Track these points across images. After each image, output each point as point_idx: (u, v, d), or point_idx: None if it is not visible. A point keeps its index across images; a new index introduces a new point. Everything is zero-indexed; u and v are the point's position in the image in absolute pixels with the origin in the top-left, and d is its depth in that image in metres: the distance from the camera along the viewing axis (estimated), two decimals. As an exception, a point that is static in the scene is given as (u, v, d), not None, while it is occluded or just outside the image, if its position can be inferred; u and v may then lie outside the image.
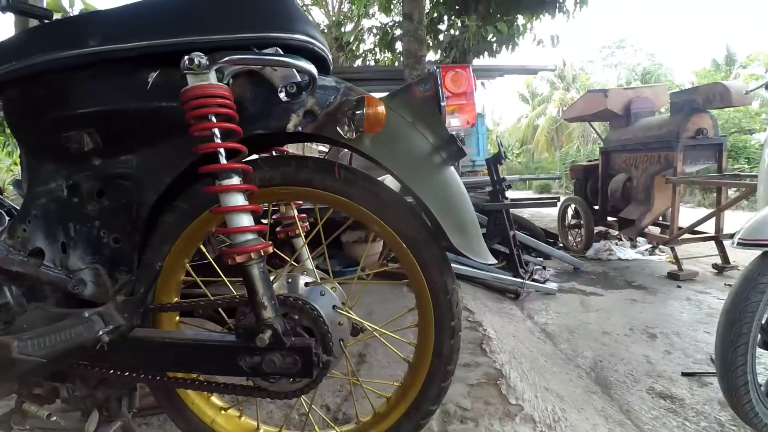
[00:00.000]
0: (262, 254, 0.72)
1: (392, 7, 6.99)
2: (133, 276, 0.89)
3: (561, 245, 4.45)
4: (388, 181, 1.01)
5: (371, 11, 7.98)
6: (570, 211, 4.52)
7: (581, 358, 2.09)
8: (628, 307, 2.84)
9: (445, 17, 6.00)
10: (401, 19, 3.22)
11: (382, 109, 0.72)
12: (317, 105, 0.79)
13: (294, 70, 0.76)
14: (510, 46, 5.82)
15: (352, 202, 0.85)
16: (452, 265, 2.85)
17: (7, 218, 1.10)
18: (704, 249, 3.81)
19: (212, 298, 0.86)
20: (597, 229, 4.34)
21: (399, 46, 6.18)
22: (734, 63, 15.43)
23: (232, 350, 0.75)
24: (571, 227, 4.53)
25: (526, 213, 5.52)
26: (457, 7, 5.99)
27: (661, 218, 3.90)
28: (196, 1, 0.77)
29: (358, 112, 0.71)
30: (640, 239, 4.23)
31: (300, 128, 0.79)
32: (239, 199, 0.71)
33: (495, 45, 5.70)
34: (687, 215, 4.13)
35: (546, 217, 6.46)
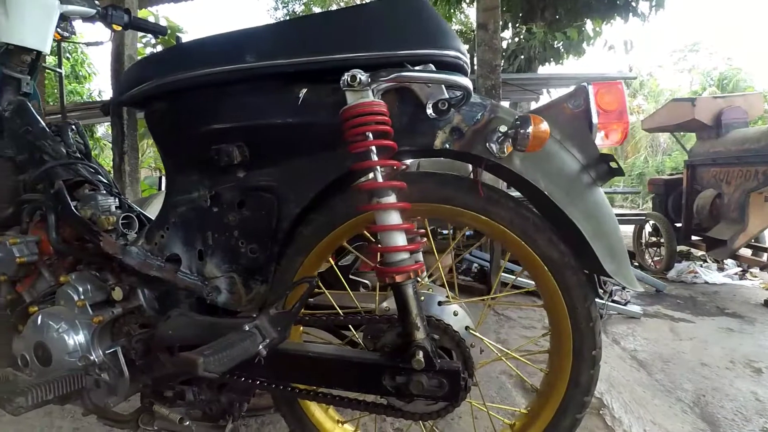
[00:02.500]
0: (417, 274, 0.70)
1: (452, 17, 6.97)
2: (268, 286, 0.91)
3: (636, 265, 4.17)
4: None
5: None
6: (648, 228, 4.22)
7: (681, 391, 1.92)
8: (725, 337, 2.59)
9: (510, 24, 5.87)
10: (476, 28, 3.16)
11: (546, 127, 0.68)
12: (464, 122, 0.77)
13: (442, 86, 0.74)
14: (577, 53, 5.60)
15: (492, 221, 0.82)
16: (512, 276, 2.73)
17: (137, 223, 1.17)
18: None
19: (357, 311, 0.85)
20: (679, 248, 4.03)
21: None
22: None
23: (376, 369, 0.74)
24: (648, 245, 4.23)
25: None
26: (521, 14, 5.85)
27: (753, 240, 3.55)
28: (353, 19, 0.77)
29: (522, 131, 0.67)
30: (728, 261, 3.88)
31: (447, 145, 0.77)
32: (396, 218, 0.70)
33: (562, 52, 5.50)
34: (786, 237, 3.74)
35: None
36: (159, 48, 7.52)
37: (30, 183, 1.24)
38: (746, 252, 3.74)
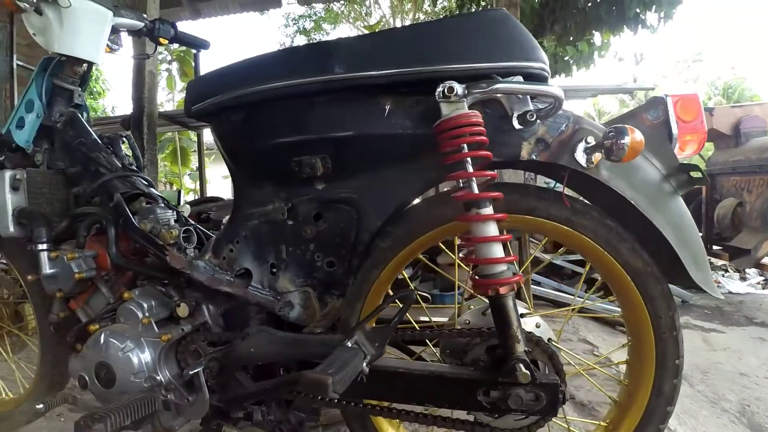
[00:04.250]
0: (520, 285, 0.70)
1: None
2: (343, 300, 0.90)
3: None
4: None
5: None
6: (666, 238, 4.19)
7: (726, 402, 1.88)
8: (759, 347, 2.56)
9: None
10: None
11: (641, 137, 0.68)
12: (548, 133, 0.78)
13: (527, 98, 0.75)
14: (587, 65, 5.64)
15: (576, 232, 0.82)
16: (551, 291, 2.71)
17: (195, 236, 1.16)
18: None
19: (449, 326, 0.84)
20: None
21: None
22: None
23: (472, 384, 0.73)
24: (667, 255, 4.20)
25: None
26: (532, 29, 5.91)
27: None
28: (442, 32, 0.78)
29: (620, 141, 0.67)
30: (750, 271, 3.85)
31: (534, 156, 0.77)
32: (494, 229, 0.70)
33: (572, 64, 5.54)
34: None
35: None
36: (174, 64, 7.65)
37: (85, 196, 1.24)
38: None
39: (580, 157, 0.76)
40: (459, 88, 0.70)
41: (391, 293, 0.95)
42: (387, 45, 0.80)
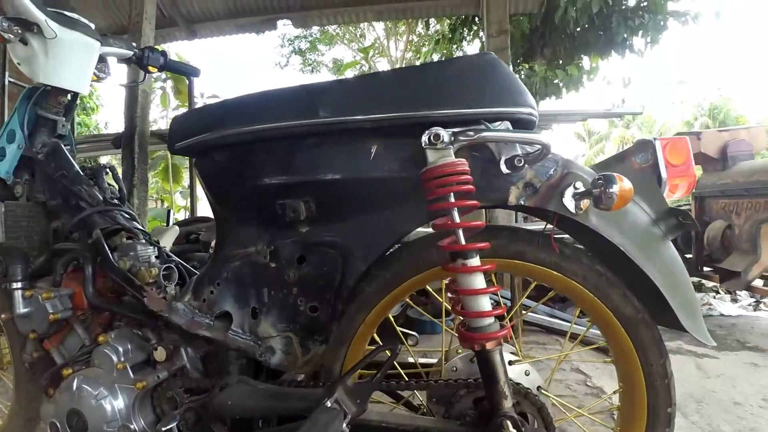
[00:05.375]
0: (507, 339, 0.67)
1: (453, 55, 7.18)
2: (326, 347, 0.87)
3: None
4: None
5: (434, 58, 8.21)
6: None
7: (721, 435, 1.85)
8: (752, 373, 2.54)
9: (511, 62, 6.04)
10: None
11: (630, 185, 0.67)
12: (537, 177, 0.76)
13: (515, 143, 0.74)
14: (576, 88, 5.75)
15: (564, 276, 0.80)
16: (546, 318, 2.68)
17: (177, 273, 1.13)
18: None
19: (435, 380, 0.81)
20: (691, 279, 4.00)
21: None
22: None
23: (459, 440, 0.70)
24: (659, 276, 4.20)
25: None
26: (522, 53, 6.03)
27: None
28: (429, 76, 0.77)
29: (608, 190, 0.66)
30: (741, 292, 3.85)
31: (522, 201, 0.76)
32: (481, 281, 0.67)
33: (562, 87, 5.65)
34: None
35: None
36: (169, 82, 7.66)
37: (64, 231, 1.20)
38: (758, 283, 3.72)
39: (569, 202, 0.74)
40: (445, 135, 0.68)
41: (376, 337, 0.92)
42: (374, 89, 0.78)
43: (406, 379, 0.86)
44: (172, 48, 6.91)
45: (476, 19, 5.66)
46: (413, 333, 1.22)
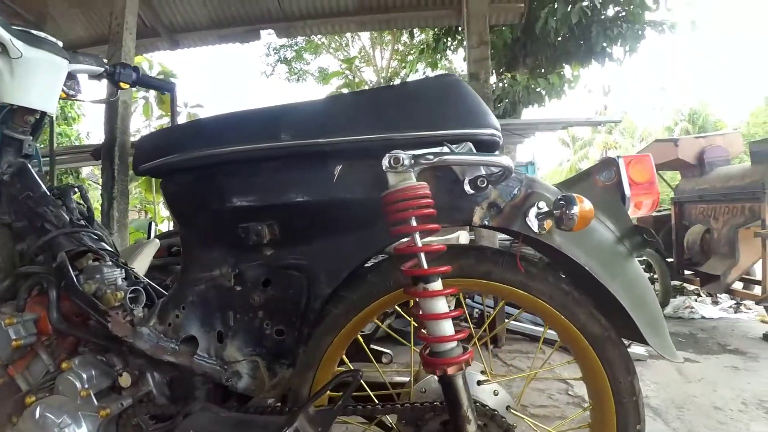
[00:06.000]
0: (469, 364, 0.66)
1: (438, 64, 7.26)
2: (293, 370, 0.86)
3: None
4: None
5: (419, 67, 8.27)
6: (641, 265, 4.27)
7: (701, 441, 1.86)
8: (732, 377, 2.57)
9: (494, 71, 6.12)
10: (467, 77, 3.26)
11: (590, 206, 0.67)
12: (501, 197, 0.76)
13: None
14: (558, 96, 5.85)
15: (531, 295, 0.80)
16: (530, 326, 2.69)
17: (144, 296, 1.10)
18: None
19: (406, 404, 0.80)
20: (672, 283, 4.07)
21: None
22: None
23: (425, 467, 0.68)
24: (642, 281, 4.25)
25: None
26: (505, 62, 6.12)
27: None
28: (390, 98, 0.77)
29: (568, 211, 0.66)
30: (722, 295, 3.92)
31: (486, 221, 0.76)
32: (443, 305, 0.67)
33: (544, 95, 5.74)
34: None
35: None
36: (152, 92, 7.59)
37: (29, 254, 1.17)
38: (738, 285, 3.79)
39: (533, 222, 0.74)
40: (406, 158, 0.68)
41: (345, 359, 0.90)
42: (337, 111, 0.78)
43: (375, 401, 0.84)
44: (156, 58, 6.84)
45: (459, 29, 5.73)
46: (387, 351, 1.21)
